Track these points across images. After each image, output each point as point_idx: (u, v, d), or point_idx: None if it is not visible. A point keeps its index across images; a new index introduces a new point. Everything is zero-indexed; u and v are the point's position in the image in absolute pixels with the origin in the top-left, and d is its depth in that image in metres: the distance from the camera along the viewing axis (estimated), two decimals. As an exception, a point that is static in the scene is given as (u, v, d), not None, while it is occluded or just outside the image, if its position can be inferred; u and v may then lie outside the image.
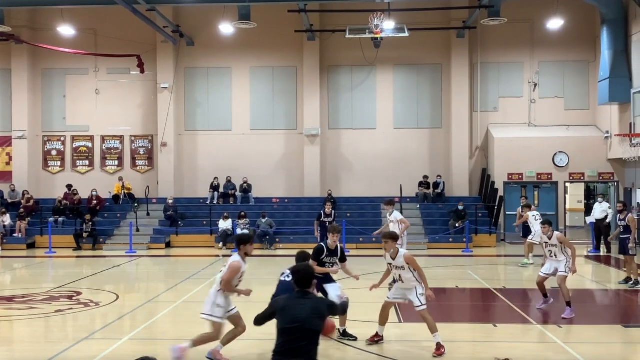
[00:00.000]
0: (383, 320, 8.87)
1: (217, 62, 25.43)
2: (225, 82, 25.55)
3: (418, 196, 24.19)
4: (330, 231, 9.14)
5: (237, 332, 7.87)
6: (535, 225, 15.87)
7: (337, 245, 9.14)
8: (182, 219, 23.24)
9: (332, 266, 9.03)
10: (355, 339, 8.91)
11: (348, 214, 22.83)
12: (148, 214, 23.40)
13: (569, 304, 10.40)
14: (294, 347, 5.05)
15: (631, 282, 13.57)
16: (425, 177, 24.40)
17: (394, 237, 8.64)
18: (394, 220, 14.22)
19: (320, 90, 25.03)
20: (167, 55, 24.95)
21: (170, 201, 23.22)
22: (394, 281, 8.79)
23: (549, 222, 10.95)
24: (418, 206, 23.57)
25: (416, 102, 25.26)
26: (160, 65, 24.98)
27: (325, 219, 18.07)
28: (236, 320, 7.85)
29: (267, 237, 21.45)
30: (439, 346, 8.21)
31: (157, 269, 18.42)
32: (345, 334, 8.94)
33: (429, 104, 25.23)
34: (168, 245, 22.13)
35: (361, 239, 21.09)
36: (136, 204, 23.51)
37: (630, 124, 15.20)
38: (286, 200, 24.84)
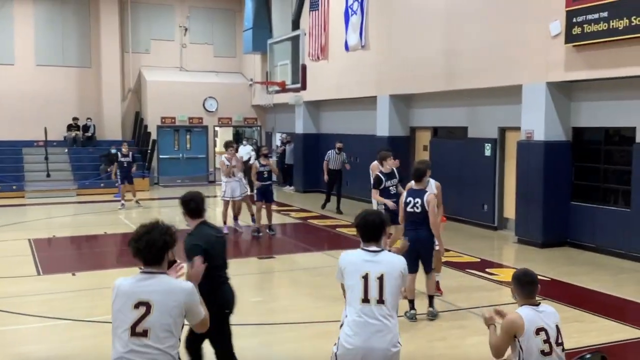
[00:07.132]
0: None
1: None
2: None
3: (66, 140, 22.71)
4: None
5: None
6: None
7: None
8: None
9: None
10: None
11: (-18, 160, 20.27)
12: None
13: None
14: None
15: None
16: (75, 119, 22.96)
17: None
18: None
19: (-60, 16, 21.29)
20: None
21: None
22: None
23: None
24: (66, 150, 22.20)
25: (61, 38, 23.31)
26: None
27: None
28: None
29: None
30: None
31: None
32: None
33: (75, 41, 23.53)
34: None
35: (-1, 188, 19.06)
36: None
37: (267, 72, 16.56)
38: None
